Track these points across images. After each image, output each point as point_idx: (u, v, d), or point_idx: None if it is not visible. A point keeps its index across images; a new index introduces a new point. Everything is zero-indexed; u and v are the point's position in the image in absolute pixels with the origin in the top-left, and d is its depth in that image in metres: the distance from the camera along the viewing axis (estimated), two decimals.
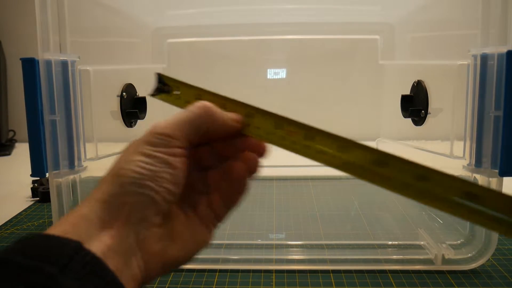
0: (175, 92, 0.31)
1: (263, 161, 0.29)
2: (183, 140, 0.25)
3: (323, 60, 0.80)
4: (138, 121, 0.64)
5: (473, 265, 0.45)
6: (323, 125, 0.27)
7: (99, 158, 0.51)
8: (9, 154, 1.10)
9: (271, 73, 0.79)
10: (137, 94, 0.65)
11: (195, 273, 0.46)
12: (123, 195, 0.24)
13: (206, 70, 0.80)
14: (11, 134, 1.21)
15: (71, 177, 0.46)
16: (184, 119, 0.26)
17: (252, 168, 0.29)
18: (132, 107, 0.62)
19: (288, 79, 0.80)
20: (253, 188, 0.29)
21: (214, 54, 0.79)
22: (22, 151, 1.14)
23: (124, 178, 0.24)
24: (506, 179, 0.42)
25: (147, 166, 0.24)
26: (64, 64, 0.43)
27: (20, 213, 0.65)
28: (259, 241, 0.52)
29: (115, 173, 0.24)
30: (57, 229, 0.22)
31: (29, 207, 0.68)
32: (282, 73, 0.79)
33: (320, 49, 0.80)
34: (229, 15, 0.73)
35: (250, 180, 0.29)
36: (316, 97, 0.81)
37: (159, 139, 0.25)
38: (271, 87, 0.80)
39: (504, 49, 0.39)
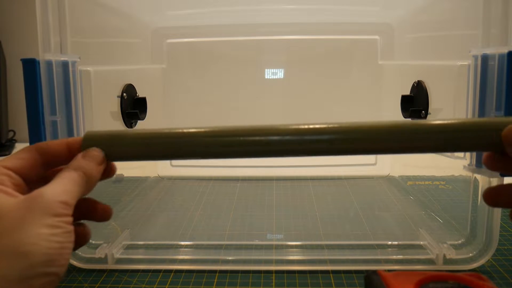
0: None
1: (264, 161, 0.30)
2: (73, 206, 0.24)
3: (322, 60, 0.80)
4: (138, 121, 0.64)
5: (474, 265, 0.45)
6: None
7: None
8: (9, 154, 1.10)
9: (269, 73, 0.79)
10: (137, 94, 0.65)
11: (194, 274, 0.46)
12: (29, 279, 0.20)
13: (205, 70, 0.80)
14: (11, 134, 1.21)
15: None
16: (74, 184, 0.25)
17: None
18: (132, 107, 0.63)
19: (287, 79, 0.80)
20: (253, 188, 0.30)
21: (213, 54, 0.79)
22: None
23: (32, 258, 0.20)
24: (507, 179, 0.42)
25: (57, 239, 0.22)
26: (64, 64, 0.43)
27: None
28: (259, 242, 0.52)
29: (15, 252, 0.20)
30: None
31: None
32: (280, 73, 0.79)
33: (319, 49, 0.80)
34: (229, 15, 0.73)
35: None
36: (315, 97, 0.81)
37: (62, 208, 0.23)
38: (270, 87, 0.80)
39: (505, 50, 0.39)
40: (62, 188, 0.24)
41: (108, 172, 0.30)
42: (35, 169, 0.27)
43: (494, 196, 0.28)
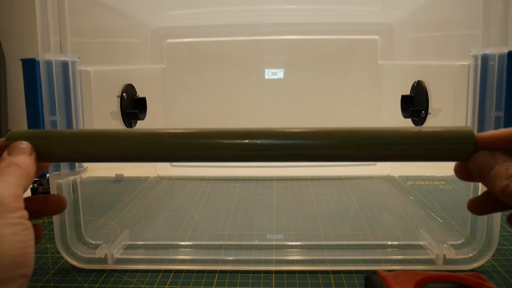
0: None
1: (263, 162, 0.29)
2: (22, 198, 0.23)
3: (322, 60, 0.80)
4: (138, 121, 0.64)
5: (474, 265, 0.45)
6: (322, 126, 0.27)
7: None
8: None
9: (269, 73, 0.79)
10: (137, 94, 0.65)
11: (194, 274, 0.46)
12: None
13: (205, 70, 0.80)
14: None
15: (72, 177, 0.46)
16: (14, 176, 0.23)
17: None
18: (132, 107, 0.62)
19: (287, 79, 0.80)
20: (253, 188, 0.29)
21: (213, 54, 0.79)
22: None
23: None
24: None
25: (19, 238, 0.20)
26: (64, 64, 0.43)
27: None
28: (259, 242, 0.52)
29: None
30: None
31: None
32: (280, 73, 0.79)
33: (319, 49, 0.80)
34: (228, 15, 0.73)
35: None
36: (315, 97, 0.81)
37: (14, 201, 0.21)
38: (270, 87, 0.80)
39: (505, 50, 0.39)
40: (5, 182, 0.22)
41: (38, 170, 0.28)
42: None
43: (476, 206, 0.28)
